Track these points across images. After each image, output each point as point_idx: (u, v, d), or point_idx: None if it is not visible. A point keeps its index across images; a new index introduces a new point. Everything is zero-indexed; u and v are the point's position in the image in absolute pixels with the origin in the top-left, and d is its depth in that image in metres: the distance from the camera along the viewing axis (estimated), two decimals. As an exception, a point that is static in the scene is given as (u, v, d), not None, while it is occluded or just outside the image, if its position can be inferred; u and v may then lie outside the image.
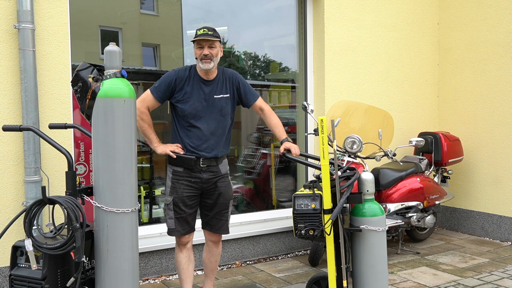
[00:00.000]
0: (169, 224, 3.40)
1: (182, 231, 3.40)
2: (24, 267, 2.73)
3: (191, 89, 3.30)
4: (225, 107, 3.38)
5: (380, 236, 3.20)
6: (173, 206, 3.35)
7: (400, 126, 5.86)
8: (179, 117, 3.34)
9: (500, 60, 5.53)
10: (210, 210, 3.47)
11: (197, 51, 3.27)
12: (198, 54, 3.26)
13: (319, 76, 5.38)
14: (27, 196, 3.80)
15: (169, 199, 3.36)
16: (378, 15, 5.66)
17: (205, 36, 3.23)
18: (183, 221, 3.38)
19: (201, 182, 3.36)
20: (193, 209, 3.42)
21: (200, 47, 3.26)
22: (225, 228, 3.52)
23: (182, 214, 3.36)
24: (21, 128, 3.01)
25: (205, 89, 3.32)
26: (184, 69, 3.36)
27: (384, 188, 4.91)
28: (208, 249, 3.61)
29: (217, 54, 3.30)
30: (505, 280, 4.23)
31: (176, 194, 3.34)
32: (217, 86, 3.37)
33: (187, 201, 3.36)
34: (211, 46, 3.26)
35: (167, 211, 3.39)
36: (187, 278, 3.49)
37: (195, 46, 3.28)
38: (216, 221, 3.49)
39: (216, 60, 3.30)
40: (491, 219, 5.66)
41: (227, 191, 3.48)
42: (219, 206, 3.46)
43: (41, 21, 3.85)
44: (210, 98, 3.33)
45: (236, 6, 5.23)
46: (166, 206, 3.40)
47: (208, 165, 3.35)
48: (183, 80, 3.30)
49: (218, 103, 3.35)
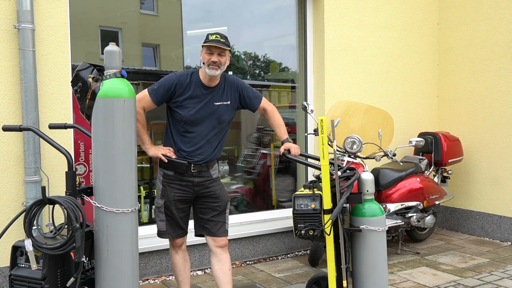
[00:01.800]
0: (160, 226, 3.34)
1: (173, 234, 3.34)
2: (24, 267, 2.73)
3: (191, 95, 3.22)
4: (224, 114, 3.31)
5: (380, 236, 3.20)
6: (164, 209, 3.29)
7: (400, 126, 5.86)
8: (176, 121, 3.27)
9: (500, 60, 5.53)
10: (206, 214, 3.36)
11: (206, 56, 3.18)
12: (207, 59, 3.17)
13: (319, 76, 5.38)
14: (27, 196, 3.80)
15: (160, 202, 3.30)
16: (378, 15, 5.66)
17: (217, 43, 3.15)
18: (175, 224, 3.32)
19: (192, 185, 3.29)
20: (184, 213, 3.35)
21: (210, 53, 3.17)
22: (224, 230, 3.39)
23: (173, 217, 3.30)
24: (21, 128, 3.02)
25: (206, 96, 3.25)
26: (186, 74, 3.27)
27: (384, 188, 4.91)
28: (216, 258, 3.38)
29: (225, 62, 3.24)
30: (505, 280, 4.23)
31: (167, 197, 3.28)
32: (218, 93, 3.30)
33: (179, 205, 3.30)
34: (221, 54, 3.19)
35: (158, 213, 3.33)
36: (185, 279, 3.46)
37: (204, 50, 3.19)
38: (214, 224, 3.36)
39: (223, 68, 3.24)
40: (491, 219, 5.66)
41: (223, 193, 3.39)
42: (216, 209, 3.35)
43: (41, 21, 3.85)
44: (209, 105, 3.26)
45: (236, 6, 5.23)
46: (157, 209, 3.34)
47: (199, 171, 3.28)
48: (183, 85, 3.22)
49: (217, 111, 3.28)
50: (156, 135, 4.96)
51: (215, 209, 3.35)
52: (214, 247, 3.38)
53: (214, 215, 3.36)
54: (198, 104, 3.23)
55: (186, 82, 3.23)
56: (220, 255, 3.37)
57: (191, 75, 3.27)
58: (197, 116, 3.23)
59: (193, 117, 3.22)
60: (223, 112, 3.31)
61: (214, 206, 3.35)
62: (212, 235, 3.37)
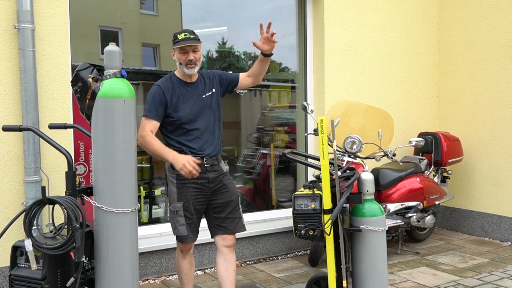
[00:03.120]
0: (181, 231, 3.25)
1: (193, 237, 3.30)
2: (24, 267, 2.73)
3: (179, 96, 3.25)
4: (214, 103, 3.36)
5: (380, 236, 3.20)
6: (183, 212, 3.22)
7: (400, 126, 5.86)
8: (173, 127, 3.25)
9: (500, 60, 5.53)
10: (221, 212, 3.33)
11: (181, 57, 3.19)
12: (183, 59, 3.19)
13: (319, 76, 5.38)
14: (27, 196, 3.80)
15: (178, 205, 3.22)
16: (377, 15, 5.66)
17: (189, 42, 3.16)
18: (194, 227, 3.28)
19: (208, 182, 3.27)
20: (201, 214, 3.33)
21: (184, 52, 3.19)
22: (241, 225, 3.36)
23: (193, 219, 3.26)
24: (21, 128, 3.02)
25: (192, 92, 3.29)
26: (165, 80, 3.28)
27: (384, 188, 4.91)
28: (223, 258, 3.32)
29: (200, 57, 3.26)
30: (504, 280, 4.23)
31: (185, 199, 3.22)
32: (202, 85, 3.35)
33: (196, 205, 3.26)
34: (195, 50, 3.21)
35: (177, 217, 3.24)
36: (189, 282, 3.46)
37: (177, 51, 3.21)
38: (231, 221, 3.32)
39: (199, 64, 3.27)
40: (491, 219, 5.66)
41: (234, 187, 3.40)
42: (231, 204, 3.33)
43: (41, 21, 3.85)
44: (199, 99, 3.30)
45: (236, 6, 5.23)
46: (175, 213, 3.24)
47: (211, 164, 3.29)
48: (169, 90, 3.23)
49: (208, 101, 3.33)
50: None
51: (229, 205, 3.33)
52: (222, 246, 3.34)
53: (229, 212, 3.33)
54: (189, 101, 3.27)
55: (170, 86, 3.25)
56: (227, 255, 3.33)
57: (170, 78, 3.30)
58: (194, 112, 3.26)
59: (190, 115, 3.24)
60: (213, 101, 3.36)
61: (227, 202, 3.32)
62: (230, 232, 3.33)
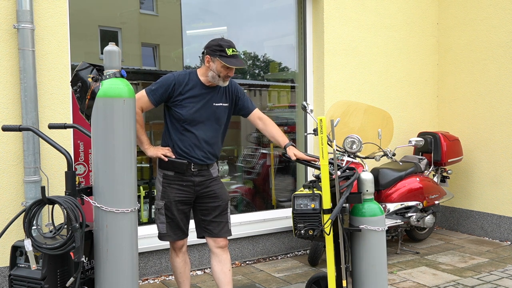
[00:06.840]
0: (160, 228, 3.32)
1: (174, 236, 3.32)
2: (23, 267, 2.73)
3: (191, 94, 3.22)
4: (223, 116, 3.32)
5: (380, 236, 3.20)
6: (164, 210, 3.27)
7: (400, 126, 5.86)
8: (175, 120, 3.26)
9: (500, 60, 5.53)
10: (207, 215, 3.34)
11: (223, 70, 3.17)
12: (223, 73, 3.18)
13: (318, 76, 5.38)
14: (27, 196, 3.80)
15: (161, 203, 3.27)
16: (377, 15, 5.66)
17: (239, 64, 3.17)
18: (175, 226, 3.30)
19: (193, 185, 3.27)
20: (185, 214, 3.33)
21: (227, 68, 3.18)
22: (227, 230, 3.38)
23: (174, 218, 3.28)
24: (20, 128, 3.01)
25: (205, 95, 3.25)
26: (184, 74, 3.27)
27: (383, 188, 4.92)
28: (217, 259, 3.36)
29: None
30: (504, 280, 4.24)
31: (168, 199, 3.26)
32: (218, 94, 3.30)
33: (179, 206, 3.28)
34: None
35: (158, 215, 3.31)
36: (185, 281, 3.46)
37: (219, 63, 3.16)
38: (216, 224, 3.35)
39: None
40: (490, 219, 5.66)
41: (223, 192, 3.38)
42: (217, 209, 3.34)
43: (40, 21, 3.85)
44: (209, 105, 3.26)
45: (236, 6, 5.23)
46: (157, 211, 3.31)
47: (199, 170, 3.28)
48: (182, 85, 3.22)
49: (217, 111, 3.29)
50: (156, 135, 4.95)
51: (216, 209, 3.33)
52: (214, 247, 3.37)
53: (215, 216, 3.34)
54: (197, 103, 3.23)
55: (185, 82, 3.23)
56: (220, 256, 3.37)
57: (189, 74, 3.27)
58: (197, 115, 3.23)
59: (192, 116, 3.22)
60: (222, 114, 3.32)
61: (214, 206, 3.33)
62: (215, 236, 3.35)
